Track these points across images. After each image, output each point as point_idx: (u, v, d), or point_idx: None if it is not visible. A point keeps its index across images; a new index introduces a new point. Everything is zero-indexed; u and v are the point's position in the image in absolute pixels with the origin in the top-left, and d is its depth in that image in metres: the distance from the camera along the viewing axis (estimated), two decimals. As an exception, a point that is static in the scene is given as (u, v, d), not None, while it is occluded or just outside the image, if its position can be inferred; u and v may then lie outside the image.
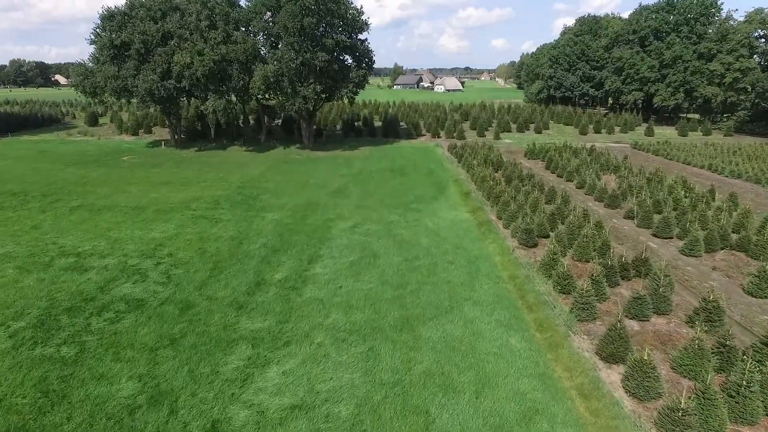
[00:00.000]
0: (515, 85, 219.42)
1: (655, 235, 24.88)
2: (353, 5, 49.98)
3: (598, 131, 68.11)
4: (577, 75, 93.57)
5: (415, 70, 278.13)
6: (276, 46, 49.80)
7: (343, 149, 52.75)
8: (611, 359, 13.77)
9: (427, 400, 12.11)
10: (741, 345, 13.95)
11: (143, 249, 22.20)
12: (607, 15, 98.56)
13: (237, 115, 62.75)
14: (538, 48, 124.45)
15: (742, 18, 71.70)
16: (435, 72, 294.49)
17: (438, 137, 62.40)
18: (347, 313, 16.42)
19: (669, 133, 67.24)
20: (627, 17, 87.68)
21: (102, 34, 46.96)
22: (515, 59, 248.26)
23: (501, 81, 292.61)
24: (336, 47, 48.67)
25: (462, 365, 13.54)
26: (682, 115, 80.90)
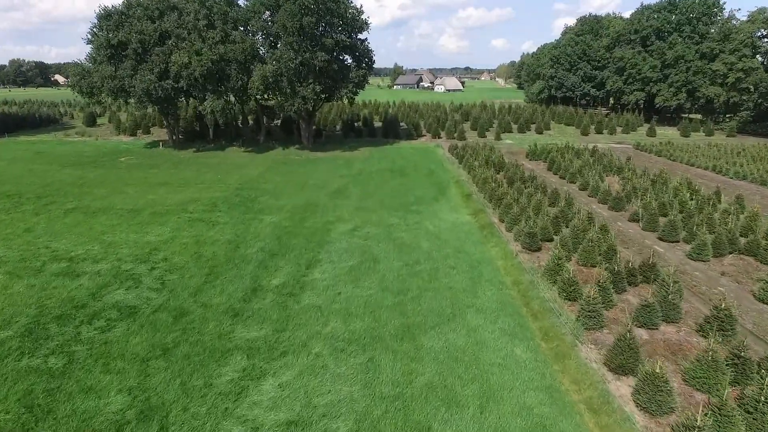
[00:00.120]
0: (515, 85, 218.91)
1: (661, 239, 24.36)
2: (353, 4, 49.46)
3: (599, 132, 67.58)
4: (579, 75, 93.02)
5: (415, 70, 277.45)
6: (275, 45, 49.27)
7: (343, 150, 52.22)
8: (620, 371, 13.24)
9: (429, 415, 11.59)
10: (755, 356, 13.41)
11: (138, 253, 21.68)
12: (609, 15, 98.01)
13: (236, 116, 62.30)
14: (538, 48, 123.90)
15: (744, 18, 71.24)
16: (435, 72, 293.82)
17: (438, 138, 61.86)
18: (346, 321, 15.89)
19: (671, 134, 66.70)
20: (628, 17, 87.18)
21: (99, 33, 46.42)
22: (515, 59, 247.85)
23: (501, 81, 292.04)
24: (335, 47, 48.13)
25: (465, 377, 13.02)
26: (683, 116, 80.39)
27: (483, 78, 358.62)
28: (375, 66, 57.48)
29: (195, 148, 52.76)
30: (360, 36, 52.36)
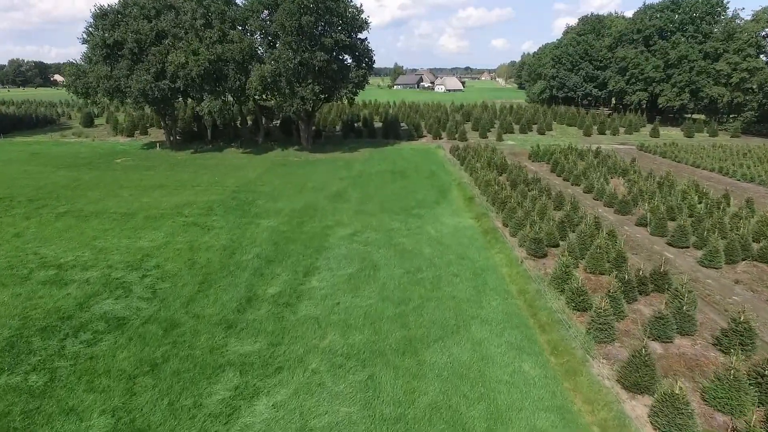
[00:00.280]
0: (516, 85, 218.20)
1: (671, 244, 23.59)
2: (353, 4, 48.66)
3: (602, 132, 66.79)
4: (580, 75, 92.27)
5: (416, 69, 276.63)
6: (273, 45, 48.49)
7: (343, 151, 51.46)
8: (635, 389, 12.49)
9: (434, 439, 10.84)
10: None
11: (129, 260, 20.92)
12: (611, 14, 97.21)
13: (234, 116, 61.50)
14: (540, 47, 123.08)
15: (748, 17, 70.46)
16: (435, 72, 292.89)
17: (439, 138, 61.10)
18: (345, 334, 15.14)
19: (674, 134, 65.94)
20: (631, 16, 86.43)
21: (94, 33, 45.65)
22: (515, 59, 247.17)
23: (502, 81, 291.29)
24: (335, 47, 47.34)
25: (471, 396, 12.26)
26: (686, 116, 79.63)
27: (483, 78, 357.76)
28: (375, 66, 56.67)
29: (193, 149, 52.00)
30: (360, 35, 51.60)
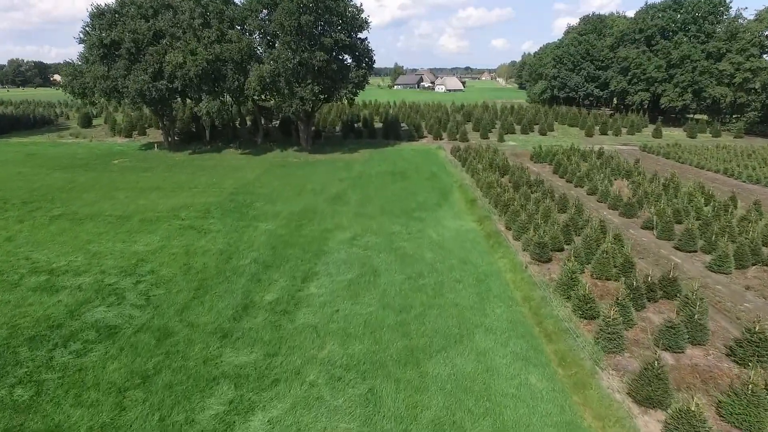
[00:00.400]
0: (516, 85, 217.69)
1: (678, 248, 23.04)
2: (353, 3, 48.09)
3: (604, 133, 66.25)
4: (582, 75, 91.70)
5: (416, 69, 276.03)
6: (272, 45, 47.95)
7: (342, 152, 50.93)
8: (648, 403, 11.95)
9: (437, 458, 10.31)
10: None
11: (123, 265, 20.38)
12: (612, 14, 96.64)
13: (233, 117, 60.95)
14: (541, 47, 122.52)
15: (752, 17, 69.91)
16: (435, 72, 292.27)
17: (440, 139, 60.56)
18: (344, 344, 14.60)
19: (677, 135, 65.41)
20: (632, 16, 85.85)
21: (91, 32, 45.11)
22: (515, 59, 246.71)
23: (502, 81, 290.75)
24: (335, 46, 46.82)
25: (476, 411, 11.73)
26: (689, 116, 79.09)
27: (484, 78, 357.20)
28: (375, 66, 56.08)
29: (191, 150, 51.47)
30: (360, 35, 51.05)
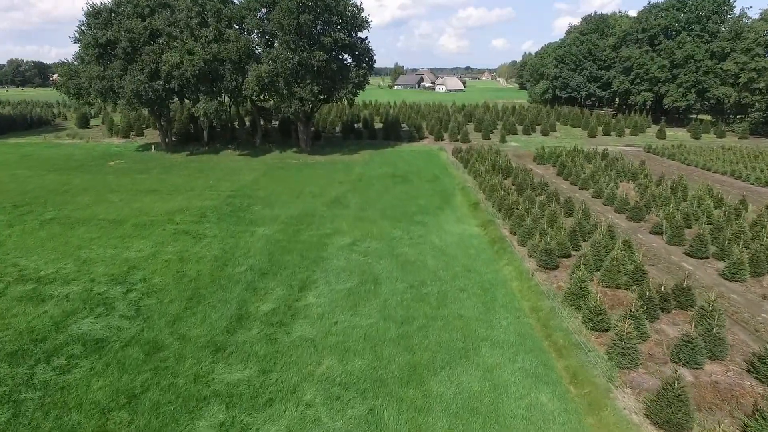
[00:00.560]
0: (517, 85, 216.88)
1: (689, 254, 22.27)
2: (352, 2, 47.29)
3: (607, 133, 65.49)
4: (584, 75, 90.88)
5: (416, 69, 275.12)
6: (271, 44, 47.20)
7: (342, 153, 50.17)
8: (668, 426, 11.19)
9: (443, 490, 9.55)
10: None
11: (114, 273, 19.62)
12: (615, 13, 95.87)
13: (232, 118, 60.21)
14: (542, 47, 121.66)
15: (756, 16, 69.17)
16: (436, 72, 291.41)
17: (441, 140, 59.80)
18: (343, 359, 13.83)
19: (681, 136, 64.62)
20: (635, 15, 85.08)
21: (87, 31, 44.35)
22: (515, 59, 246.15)
23: (502, 81, 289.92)
24: (334, 46, 46.06)
25: (484, 435, 10.97)
26: (692, 116, 78.33)
27: (484, 78, 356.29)
28: (375, 66, 55.33)
29: (188, 151, 50.70)
30: (360, 35, 50.31)
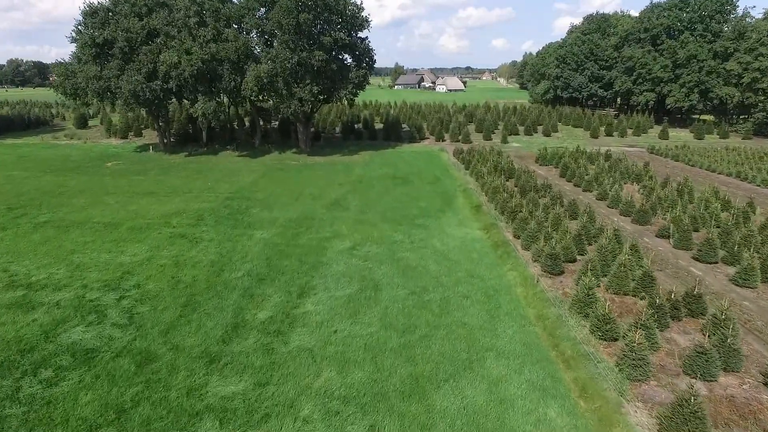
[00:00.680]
0: (518, 85, 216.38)
1: (697, 259, 21.72)
2: (353, 1, 46.77)
3: (609, 134, 64.97)
4: (586, 75, 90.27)
5: (416, 69, 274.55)
6: (270, 44, 46.66)
7: (342, 154, 49.65)
8: (683, 444, 10.65)
9: None
10: None
11: (107, 278, 19.09)
12: (617, 13, 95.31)
13: (231, 118, 59.68)
14: (544, 47, 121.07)
15: (760, 15, 68.61)
16: (436, 72, 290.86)
17: (442, 140, 59.27)
18: (343, 371, 13.30)
19: (684, 136, 64.08)
20: (638, 15, 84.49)
21: (84, 31, 43.83)
22: (516, 59, 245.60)
23: (503, 81, 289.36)
24: (334, 46, 45.54)
25: (490, 454, 10.43)
26: (694, 117, 77.74)
27: (485, 78, 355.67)
28: (375, 66, 54.80)
29: (187, 152, 50.20)
30: (360, 34, 49.79)
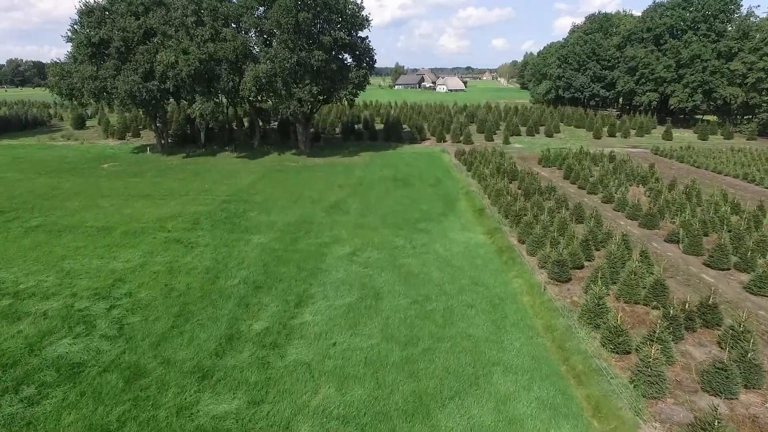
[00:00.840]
0: (518, 85, 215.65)
1: (708, 265, 21.03)
2: (353, 0, 46.09)
3: (612, 135, 64.22)
4: (588, 75, 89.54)
5: (417, 69, 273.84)
6: (269, 44, 45.97)
7: (342, 155, 48.95)
8: (706, 470, 9.96)
9: None
10: None
11: (98, 286, 18.40)
12: (619, 12, 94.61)
13: (229, 119, 59.02)
14: (545, 47, 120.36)
15: (764, 15, 68.00)
16: (436, 72, 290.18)
17: (443, 141, 58.56)
18: (342, 387, 12.61)
19: (688, 137, 63.36)
20: (640, 15, 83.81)
21: (79, 30, 43.14)
22: (516, 59, 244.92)
23: (503, 81, 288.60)
24: (334, 45, 44.85)
25: (500, 482, 9.74)
26: (698, 117, 77.05)
27: (485, 78, 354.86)
28: (375, 66, 54.10)
29: (185, 153, 49.50)
30: (360, 34, 49.09)
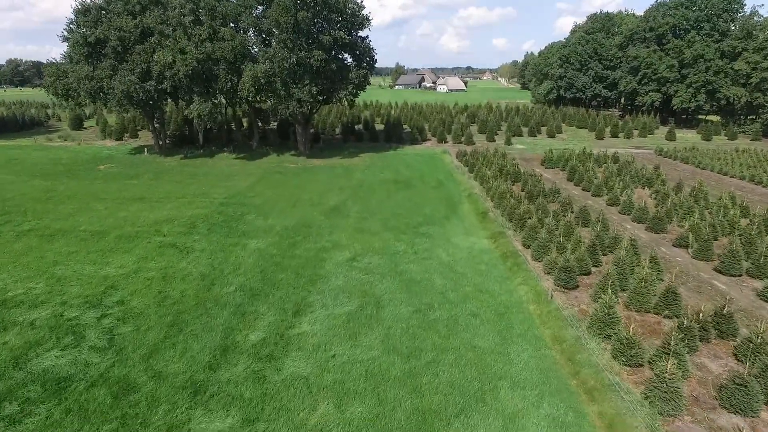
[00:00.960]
0: (519, 85, 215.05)
1: (719, 271, 20.40)
2: (353, -1, 45.51)
3: (615, 135, 63.61)
4: (589, 75, 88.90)
5: (417, 69, 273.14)
6: (268, 43, 45.34)
7: (342, 156, 48.33)
8: (729, 497, 9.34)
9: None
10: None
11: (89, 294, 17.78)
12: (621, 12, 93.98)
13: (228, 120, 58.40)
14: (546, 47, 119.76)
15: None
16: (437, 72, 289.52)
17: (444, 142, 57.93)
18: (341, 404, 11.99)
19: (691, 137, 62.76)
20: (642, 14, 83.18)
21: (75, 30, 42.53)
22: (516, 59, 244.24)
23: (504, 81, 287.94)
24: (334, 45, 44.21)
25: None
26: (701, 117, 76.46)
27: (485, 78, 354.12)
28: (376, 66, 53.47)
29: (182, 154, 48.87)
30: (360, 33, 48.45)
